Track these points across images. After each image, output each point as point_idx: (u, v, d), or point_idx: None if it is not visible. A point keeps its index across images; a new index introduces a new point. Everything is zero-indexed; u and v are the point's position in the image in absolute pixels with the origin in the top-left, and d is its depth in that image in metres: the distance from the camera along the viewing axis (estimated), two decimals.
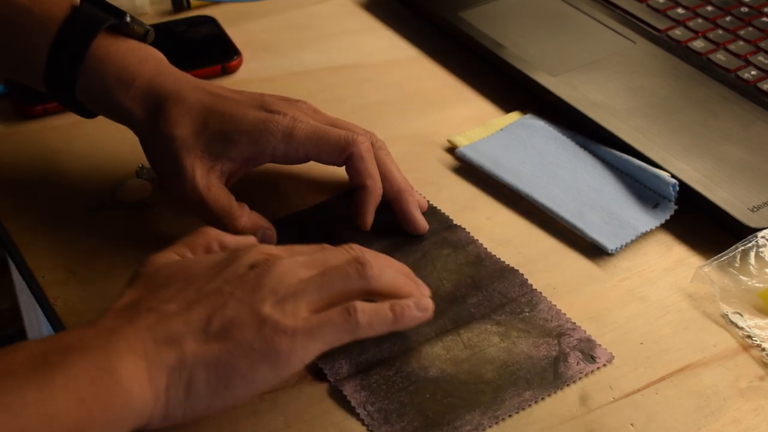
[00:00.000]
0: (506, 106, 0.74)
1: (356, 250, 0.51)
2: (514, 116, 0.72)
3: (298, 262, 0.49)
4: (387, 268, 0.51)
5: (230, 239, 0.53)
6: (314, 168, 0.64)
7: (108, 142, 0.69)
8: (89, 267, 0.60)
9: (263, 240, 0.58)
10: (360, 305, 0.48)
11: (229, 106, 0.59)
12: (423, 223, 0.61)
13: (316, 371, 0.53)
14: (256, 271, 0.48)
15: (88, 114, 0.63)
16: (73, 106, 0.62)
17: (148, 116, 0.59)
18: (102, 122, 0.71)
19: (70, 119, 0.71)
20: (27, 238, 0.61)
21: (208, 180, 0.58)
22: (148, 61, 0.60)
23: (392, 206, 0.61)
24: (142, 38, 0.62)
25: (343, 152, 0.59)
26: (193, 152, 0.58)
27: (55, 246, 0.61)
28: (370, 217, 0.60)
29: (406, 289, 0.52)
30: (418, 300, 0.52)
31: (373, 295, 0.50)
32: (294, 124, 0.58)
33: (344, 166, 0.60)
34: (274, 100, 0.60)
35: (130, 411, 0.44)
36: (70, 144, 0.69)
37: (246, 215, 0.59)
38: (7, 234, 0.62)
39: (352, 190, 0.61)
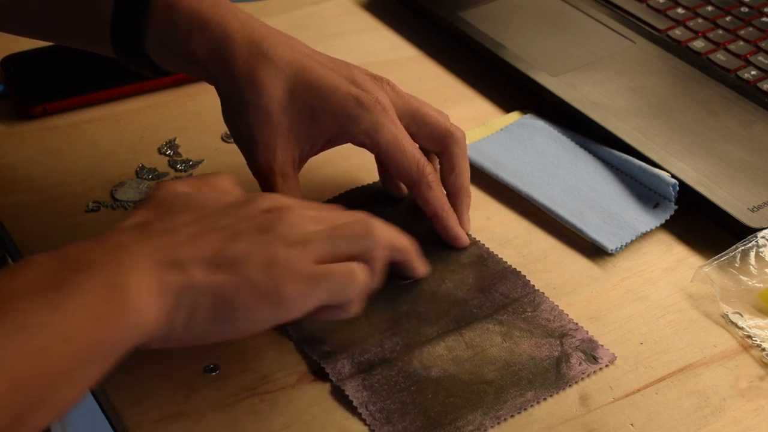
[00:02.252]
0: (506, 106, 0.74)
1: (365, 215, 0.51)
2: (514, 116, 0.72)
3: (311, 215, 0.50)
4: (394, 235, 0.52)
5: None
6: (319, 166, 0.64)
7: (108, 142, 0.69)
8: None
9: None
10: (362, 268, 0.49)
11: (319, 72, 0.57)
12: (465, 238, 0.61)
13: (317, 371, 0.53)
14: (270, 216, 0.49)
15: (161, 72, 0.60)
16: (144, 65, 0.59)
17: (226, 70, 0.56)
18: (102, 122, 0.71)
19: (70, 119, 0.71)
20: (27, 238, 0.61)
21: (284, 168, 0.56)
22: (220, 5, 0.57)
23: (433, 222, 0.61)
24: None
25: (412, 177, 0.58)
26: (278, 129, 0.56)
27: (55, 246, 0.60)
28: (462, 236, 0.60)
29: (409, 256, 0.53)
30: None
31: (374, 259, 0.50)
32: (382, 121, 0.57)
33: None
34: (363, 75, 0.58)
35: (138, 328, 0.44)
36: (70, 144, 0.69)
37: None
38: (7, 234, 0.62)
39: (360, 188, 0.60)
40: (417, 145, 0.59)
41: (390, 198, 0.64)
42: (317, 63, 0.58)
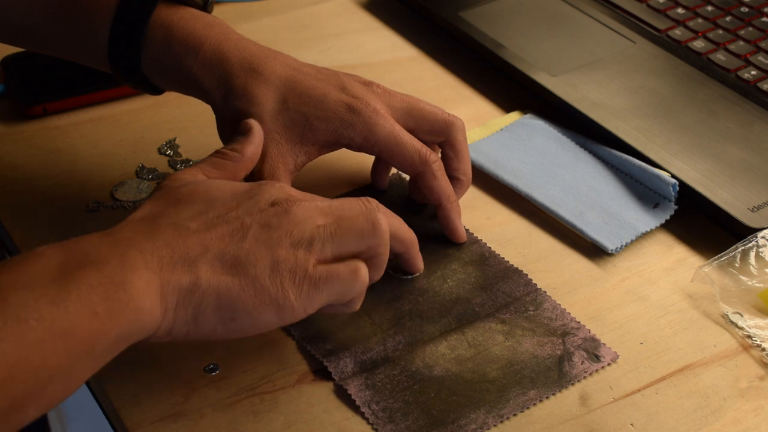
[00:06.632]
0: (506, 106, 0.74)
1: (372, 203, 0.51)
2: (514, 116, 0.72)
3: (317, 207, 0.50)
4: (397, 225, 0.53)
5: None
6: (329, 163, 0.64)
7: (108, 142, 0.69)
8: None
9: None
10: (365, 267, 0.50)
11: (309, 83, 0.58)
12: (463, 233, 0.61)
13: (319, 369, 0.53)
14: (276, 209, 0.49)
15: (156, 90, 0.61)
16: (140, 83, 0.60)
17: (220, 86, 0.57)
18: (102, 122, 0.71)
19: (70, 119, 0.71)
20: (27, 238, 0.61)
21: (274, 171, 0.56)
22: (214, 26, 0.58)
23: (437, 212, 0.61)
24: (203, 8, 0.60)
25: (416, 168, 0.59)
26: (269, 134, 0.56)
27: None
28: (462, 232, 0.61)
29: (410, 250, 0.55)
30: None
31: (378, 255, 0.51)
32: (376, 120, 0.58)
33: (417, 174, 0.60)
34: (352, 82, 0.59)
35: (140, 325, 0.44)
36: (70, 144, 0.69)
37: None
38: (7, 234, 0.62)
39: (368, 186, 0.61)
40: (415, 138, 0.59)
41: (388, 197, 0.64)
42: (307, 75, 0.59)
